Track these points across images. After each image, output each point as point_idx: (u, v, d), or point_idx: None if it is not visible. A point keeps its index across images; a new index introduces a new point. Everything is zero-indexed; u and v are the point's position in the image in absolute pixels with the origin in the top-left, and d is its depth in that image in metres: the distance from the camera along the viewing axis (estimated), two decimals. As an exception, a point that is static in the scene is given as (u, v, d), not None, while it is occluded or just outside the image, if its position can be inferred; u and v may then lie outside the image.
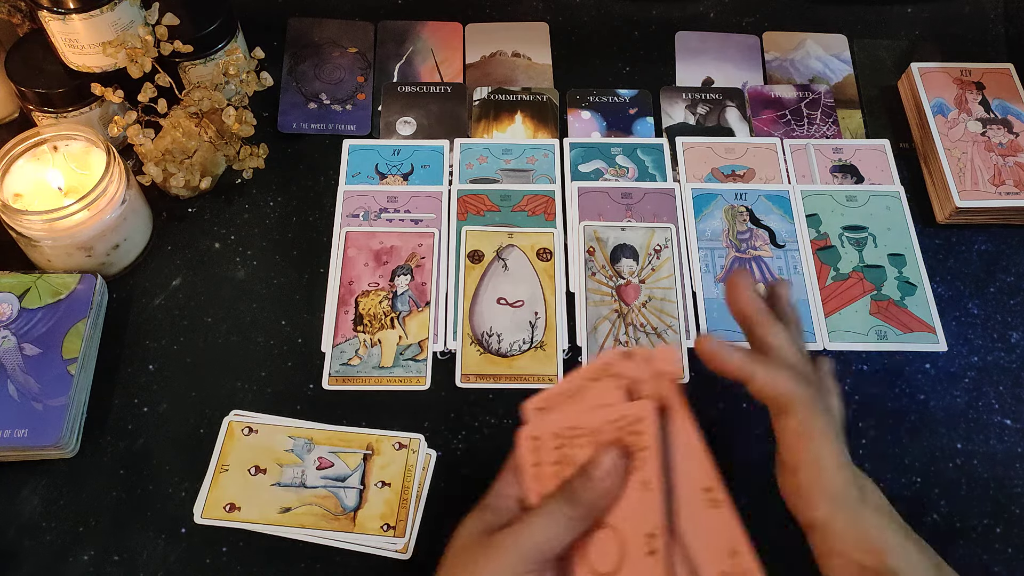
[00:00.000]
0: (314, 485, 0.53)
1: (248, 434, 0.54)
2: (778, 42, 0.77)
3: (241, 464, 0.53)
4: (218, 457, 0.54)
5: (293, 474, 0.53)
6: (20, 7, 0.64)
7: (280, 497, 0.52)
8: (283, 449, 0.54)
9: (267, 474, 0.53)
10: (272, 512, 0.52)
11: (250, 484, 0.53)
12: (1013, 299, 0.63)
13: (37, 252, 0.58)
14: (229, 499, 0.52)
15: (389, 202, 0.66)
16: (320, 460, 0.53)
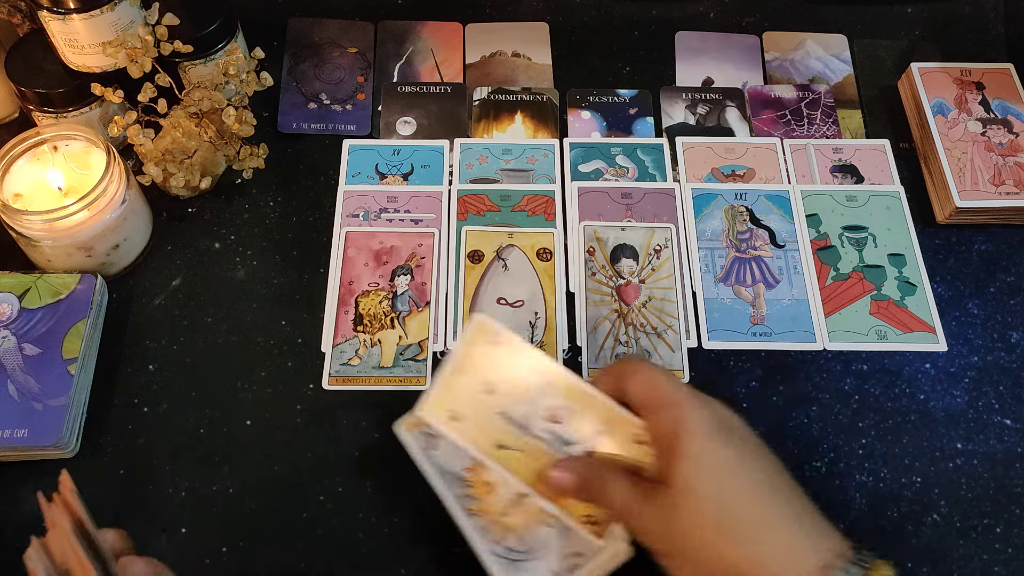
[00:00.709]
0: (537, 435, 0.46)
1: (495, 343, 0.47)
2: (778, 42, 0.77)
3: (477, 374, 0.47)
4: (460, 358, 0.47)
5: (521, 413, 0.46)
6: (20, 7, 0.64)
7: (501, 430, 0.46)
8: (521, 377, 0.46)
9: (497, 398, 0.46)
10: (488, 443, 0.46)
11: (478, 402, 0.46)
12: (1013, 299, 0.63)
13: (37, 252, 0.58)
14: (453, 407, 0.46)
15: (389, 202, 0.66)
16: (552, 412, 0.46)
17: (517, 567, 0.47)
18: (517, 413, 0.46)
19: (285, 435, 0.56)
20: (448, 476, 0.49)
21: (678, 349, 0.60)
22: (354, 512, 0.54)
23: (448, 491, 0.48)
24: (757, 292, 0.63)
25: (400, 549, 0.53)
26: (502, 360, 0.47)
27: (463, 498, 0.48)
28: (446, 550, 0.52)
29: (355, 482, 0.55)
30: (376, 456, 0.55)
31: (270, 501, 0.54)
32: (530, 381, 0.47)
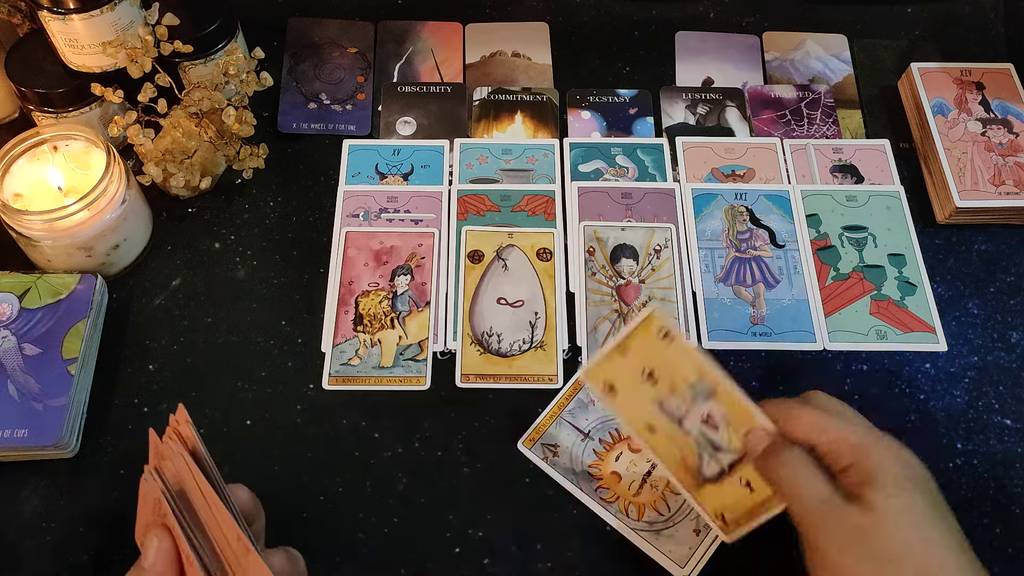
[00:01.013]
0: (688, 431, 0.47)
1: (663, 337, 0.47)
2: (778, 42, 0.77)
3: (640, 359, 0.47)
4: (625, 337, 0.48)
5: (676, 406, 0.47)
6: (20, 7, 0.64)
7: (652, 415, 0.47)
8: (683, 376, 0.46)
9: (655, 387, 0.47)
10: (639, 420, 0.47)
11: (636, 384, 0.47)
12: (1013, 299, 0.63)
13: (37, 252, 0.58)
14: (612, 380, 0.48)
15: (389, 202, 0.66)
16: (709, 416, 0.46)
17: (662, 536, 0.52)
18: (672, 406, 0.47)
19: (285, 435, 0.56)
20: (576, 476, 0.54)
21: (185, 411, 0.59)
22: (354, 512, 0.54)
23: (581, 489, 0.54)
24: (757, 292, 0.63)
25: (400, 549, 0.53)
26: (669, 355, 0.47)
27: (596, 491, 0.54)
28: (446, 550, 0.52)
29: (355, 482, 0.55)
30: (376, 456, 0.55)
31: (270, 501, 0.54)
32: (692, 381, 0.46)
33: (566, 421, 0.56)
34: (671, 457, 0.48)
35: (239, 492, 0.43)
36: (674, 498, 0.53)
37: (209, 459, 0.41)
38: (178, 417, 0.42)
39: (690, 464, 0.47)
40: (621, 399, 0.48)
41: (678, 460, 0.48)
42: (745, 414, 0.45)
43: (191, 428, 0.41)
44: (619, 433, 0.55)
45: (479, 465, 0.55)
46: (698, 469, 0.47)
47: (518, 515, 0.54)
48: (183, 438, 0.41)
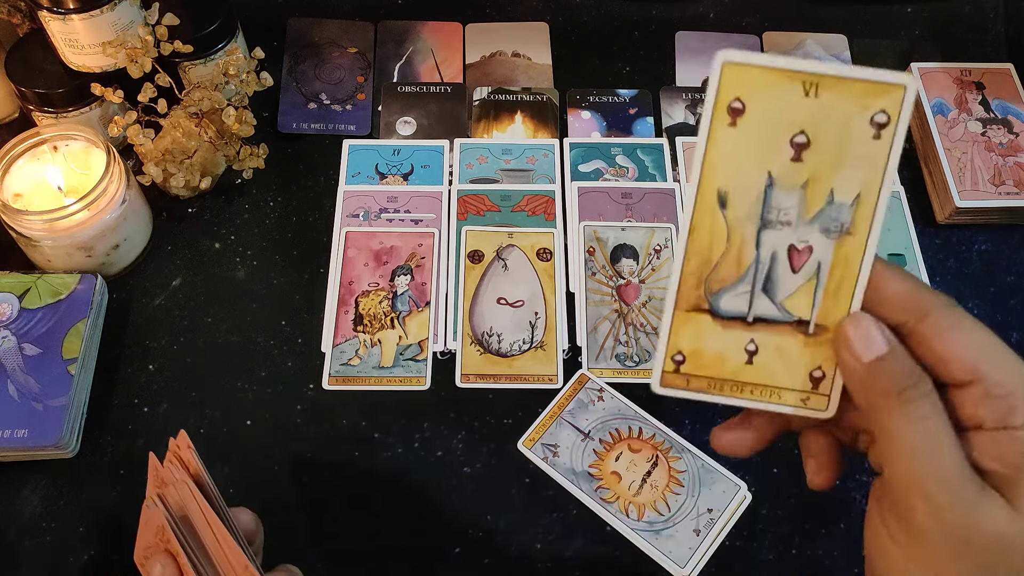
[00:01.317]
0: (761, 244, 0.31)
1: (877, 129, 0.30)
2: (778, 42, 0.77)
3: (815, 112, 0.30)
4: (815, 66, 0.30)
5: (787, 204, 0.31)
6: (20, 7, 0.64)
7: (746, 182, 0.31)
8: (838, 169, 0.31)
9: (795, 162, 0.31)
10: (722, 174, 0.31)
11: (775, 135, 0.31)
12: (1013, 299, 0.63)
13: (37, 252, 0.58)
14: (750, 97, 0.30)
15: (389, 202, 0.66)
16: (806, 249, 0.31)
17: (662, 536, 0.52)
18: (781, 200, 0.31)
19: (285, 435, 0.56)
20: (577, 476, 0.54)
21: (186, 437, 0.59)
22: (354, 512, 0.54)
23: (581, 489, 0.53)
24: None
25: (400, 549, 0.53)
26: (854, 149, 0.30)
27: (596, 491, 0.53)
28: (446, 550, 0.52)
29: (355, 482, 0.55)
30: (376, 456, 0.55)
31: (270, 501, 0.54)
32: (839, 200, 0.31)
33: (566, 421, 0.56)
34: (701, 246, 0.32)
35: (241, 516, 0.43)
36: (674, 498, 0.53)
37: (212, 485, 0.41)
38: (179, 442, 0.42)
39: (712, 278, 0.32)
40: (733, 137, 0.31)
41: (704, 258, 0.32)
42: (847, 296, 0.31)
43: (194, 454, 0.41)
44: (619, 433, 0.55)
45: (479, 465, 0.55)
46: (715, 291, 0.32)
47: (518, 515, 0.54)
48: (185, 463, 0.41)
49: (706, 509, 0.53)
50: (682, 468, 0.54)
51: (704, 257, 0.32)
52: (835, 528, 0.53)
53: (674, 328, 0.33)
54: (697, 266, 0.32)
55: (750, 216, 0.31)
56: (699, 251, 0.32)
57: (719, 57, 0.30)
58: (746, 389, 0.33)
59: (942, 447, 0.29)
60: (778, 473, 0.55)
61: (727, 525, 0.52)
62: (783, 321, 0.32)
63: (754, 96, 0.30)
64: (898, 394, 0.29)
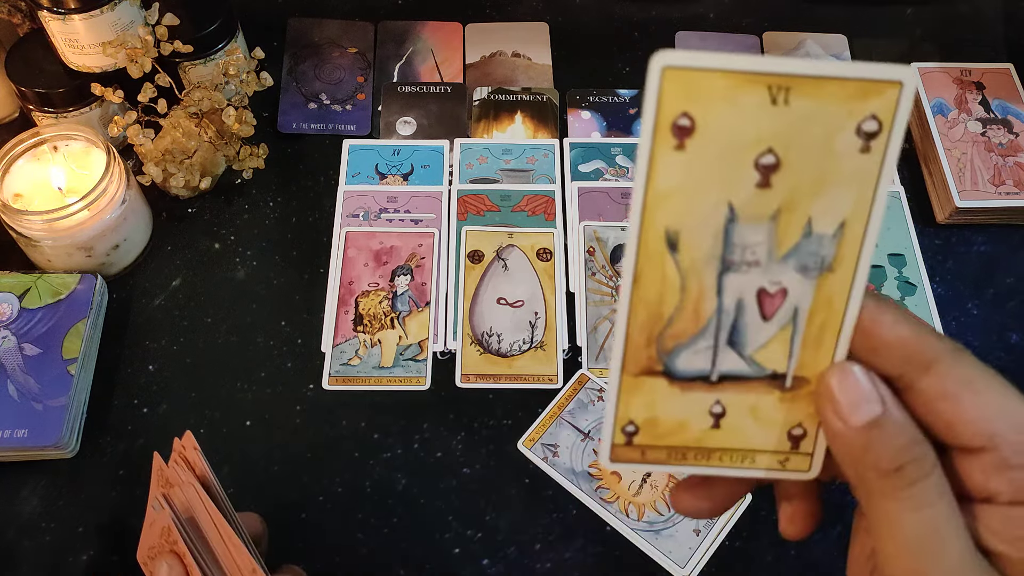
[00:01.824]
0: (722, 289, 0.26)
1: (865, 140, 0.24)
2: (778, 42, 0.77)
3: (785, 123, 0.25)
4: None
5: (754, 240, 0.25)
6: (20, 7, 0.64)
7: (701, 218, 0.25)
8: (817, 196, 0.25)
9: (759, 188, 0.25)
10: (670, 212, 0.25)
11: (735, 156, 0.25)
12: (1012, 300, 0.63)
13: (37, 252, 0.58)
14: (698, 112, 0.24)
15: (389, 202, 0.66)
16: (780, 293, 0.26)
17: (662, 536, 0.51)
18: (746, 236, 0.25)
19: (285, 435, 0.56)
20: (576, 476, 0.53)
21: None
22: (354, 512, 0.54)
23: (581, 489, 0.53)
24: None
25: (400, 549, 0.53)
26: (836, 168, 0.25)
27: (596, 491, 0.53)
28: (446, 550, 0.52)
29: (355, 482, 0.55)
30: (376, 456, 0.55)
31: (270, 502, 0.54)
32: (819, 231, 0.25)
33: (566, 421, 0.56)
34: (646, 300, 0.26)
35: (248, 519, 0.43)
36: None
37: (219, 487, 0.41)
38: (185, 443, 0.42)
39: (663, 337, 0.26)
40: (682, 162, 0.24)
41: (652, 312, 0.26)
42: (832, 341, 0.26)
43: (200, 455, 0.41)
44: None
45: (479, 465, 0.55)
46: (668, 350, 0.26)
47: (518, 515, 0.54)
48: (191, 464, 0.41)
49: None
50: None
51: (654, 311, 0.26)
52: (833, 530, 0.53)
53: (622, 396, 0.27)
54: (646, 322, 0.26)
55: (708, 259, 0.25)
56: (647, 305, 0.26)
57: (656, 61, 0.23)
58: (714, 456, 0.28)
59: (948, 541, 0.24)
60: (778, 473, 0.55)
61: (727, 525, 0.52)
62: (754, 377, 0.26)
63: (706, 109, 0.23)
64: (896, 471, 0.24)
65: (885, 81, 0.23)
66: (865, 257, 0.25)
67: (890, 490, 0.24)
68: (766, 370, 0.26)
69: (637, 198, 0.24)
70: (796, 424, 0.27)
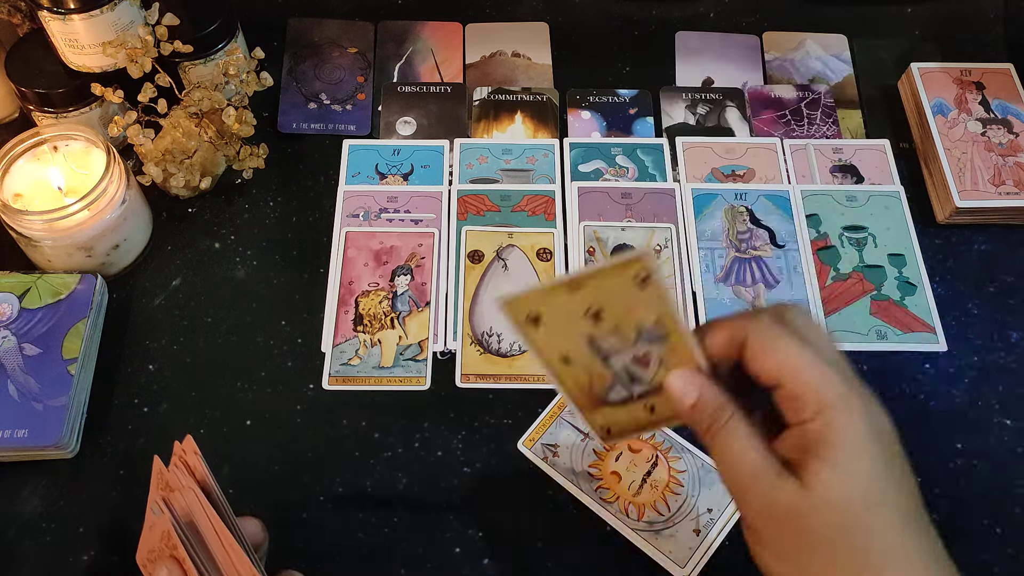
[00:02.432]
0: (611, 364, 0.40)
1: (640, 282, 0.37)
2: (778, 42, 0.77)
3: (592, 298, 0.38)
4: (586, 275, 0.38)
5: (611, 345, 0.39)
6: (20, 7, 0.64)
7: (575, 349, 0.39)
8: (637, 318, 0.38)
9: (595, 325, 0.38)
10: (555, 352, 0.39)
11: (571, 320, 0.38)
12: (1013, 299, 0.63)
13: (37, 252, 0.58)
14: (541, 312, 0.38)
15: (389, 202, 0.66)
16: (645, 355, 0.39)
17: (662, 536, 0.52)
18: (606, 344, 0.39)
19: (285, 435, 0.56)
20: (576, 476, 0.54)
21: None
22: (354, 512, 0.54)
23: (581, 489, 0.53)
24: (757, 292, 0.63)
25: (400, 549, 0.53)
26: (631, 299, 0.38)
27: (596, 491, 0.54)
28: (446, 550, 0.52)
29: (355, 482, 0.55)
30: (376, 456, 0.55)
31: (270, 502, 0.54)
32: (647, 326, 0.39)
33: (566, 421, 0.56)
34: (575, 383, 0.40)
35: (248, 525, 0.43)
36: (674, 498, 0.53)
37: (219, 491, 0.41)
38: (185, 447, 0.42)
39: (596, 391, 0.41)
40: (544, 332, 0.39)
41: (583, 386, 0.40)
42: (688, 360, 0.39)
43: (200, 459, 0.41)
44: None
45: (479, 465, 0.55)
46: (603, 395, 0.41)
47: (518, 515, 0.54)
48: (192, 469, 0.41)
49: (706, 509, 0.53)
50: (682, 468, 0.54)
51: (580, 386, 0.40)
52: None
53: (589, 420, 0.42)
54: (579, 391, 0.40)
55: (592, 359, 0.39)
56: (573, 387, 0.40)
57: (498, 302, 0.37)
58: (661, 421, 0.41)
59: (745, 452, 0.36)
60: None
61: (727, 525, 0.52)
62: (653, 389, 0.40)
63: (542, 307, 0.37)
64: (709, 428, 0.37)
65: (636, 259, 0.35)
66: (680, 321, 0.37)
67: (712, 438, 0.37)
68: (656, 384, 0.40)
69: (532, 347, 0.39)
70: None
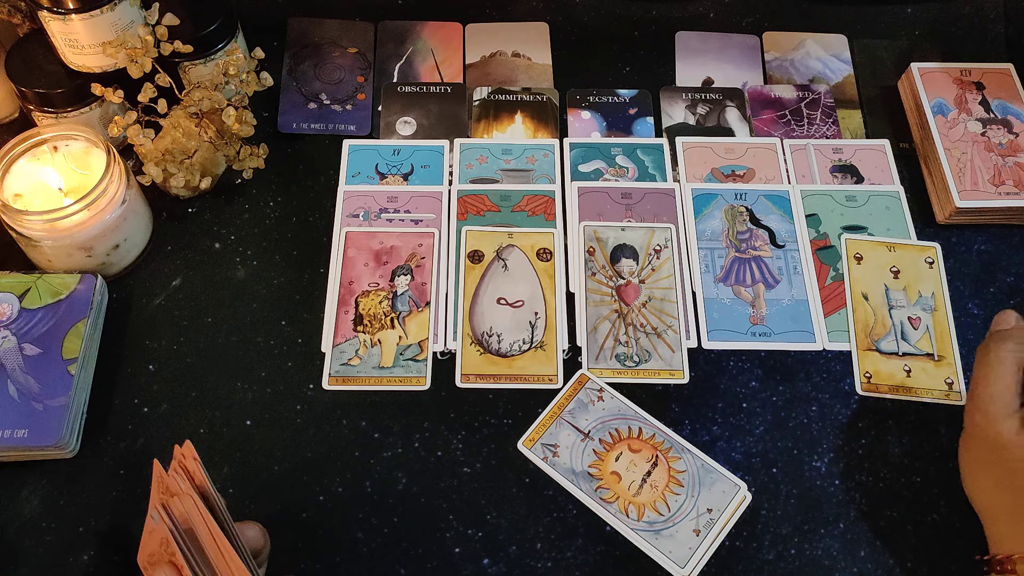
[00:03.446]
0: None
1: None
2: (778, 42, 0.77)
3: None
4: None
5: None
6: (20, 7, 0.64)
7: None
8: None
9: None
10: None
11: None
12: (1013, 299, 0.63)
13: (37, 252, 0.58)
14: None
15: (389, 202, 0.66)
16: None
17: (662, 536, 0.52)
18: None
19: (285, 435, 0.56)
20: (576, 476, 0.54)
21: (678, 349, 0.60)
22: (354, 512, 0.54)
23: (581, 489, 0.53)
24: (757, 292, 0.63)
25: (400, 549, 0.53)
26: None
27: (596, 491, 0.54)
28: (446, 550, 0.52)
29: (355, 482, 0.55)
30: (376, 456, 0.56)
31: (270, 501, 0.54)
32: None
33: (566, 421, 0.56)
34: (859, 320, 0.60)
35: (248, 532, 0.43)
36: (674, 498, 0.53)
37: (218, 497, 0.41)
38: (184, 452, 0.42)
39: (872, 336, 0.60)
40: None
41: (864, 325, 0.59)
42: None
43: (199, 465, 0.41)
44: (619, 433, 0.55)
45: (479, 465, 0.55)
46: (875, 341, 0.60)
47: (518, 515, 0.54)
48: (191, 474, 0.41)
49: (706, 509, 0.53)
50: (682, 468, 0.54)
51: (864, 325, 0.56)
52: (835, 528, 0.53)
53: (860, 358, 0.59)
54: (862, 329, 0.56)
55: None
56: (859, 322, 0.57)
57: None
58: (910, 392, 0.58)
59: (1002, 378, 0.48)
60: (778, 473, 0.55)
61: (727, 525, 0.52)
62: (920, 354, 0.57)
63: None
64: (994, 337, 0.50)
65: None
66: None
67: (987, 350, 0.50)
68: (922, 351, 0.58)
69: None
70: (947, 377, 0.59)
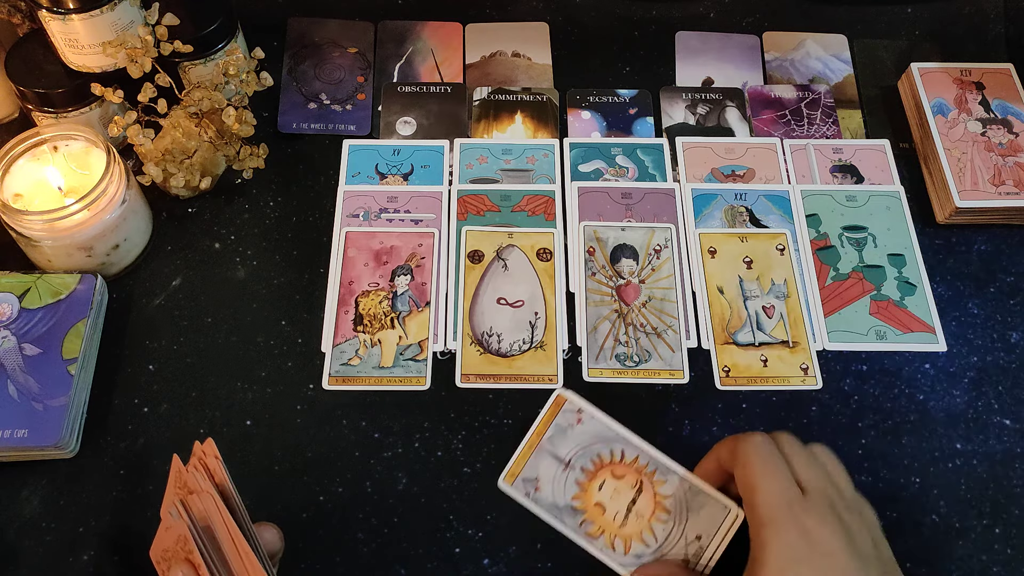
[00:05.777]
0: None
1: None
2: (778, 42, 0.77)
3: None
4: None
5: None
6: (20, 7, 0.64)
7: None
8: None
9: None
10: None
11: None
12: (1013, 299, 0.63)
13: (37, 252, 0.58)
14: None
15: (389, 202, 0.66)
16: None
17: None
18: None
19: (285, 435, 0.56)
20: (560, 511, 0.51)
21: (678, 349, 0.60)
22: (354, 512, 0.54)
23: (564, 524, 0.51)
24: (757, 292, 0.63)
25: (400, 549, 0.53)
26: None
27: (580, 525, 0.50)
28: (446, 550, 0.52)
29: (355, 482, 0.55)
30: (376, 456, 0.56)
31: (270, 502, 0.54)
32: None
33: (546, 450, 0.53)
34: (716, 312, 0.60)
35: (266, 533, 0.43)
36: (660, 526, 0.50)
37: (238, 498, 0.41)
38: (206, 449, 0.42)
39: (729, 327, 0.60)
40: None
41: (721, 318, 0.59)
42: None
43: (221, 464, 0.41)
44: (601, 459, 0.52)
45: (479, 465, 0.55)
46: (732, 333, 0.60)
47: (518, 515, 0.54)
48: (211, 472, 0.41)
49: (695, 537, 0.50)
50: (668, 492, 0.51)
51: (721, 319, 0.56)
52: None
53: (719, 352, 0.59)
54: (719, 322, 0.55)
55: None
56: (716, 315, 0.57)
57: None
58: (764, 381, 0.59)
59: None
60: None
61: (716, 553, 0.49)
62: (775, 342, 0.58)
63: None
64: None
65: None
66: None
67: None
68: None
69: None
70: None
